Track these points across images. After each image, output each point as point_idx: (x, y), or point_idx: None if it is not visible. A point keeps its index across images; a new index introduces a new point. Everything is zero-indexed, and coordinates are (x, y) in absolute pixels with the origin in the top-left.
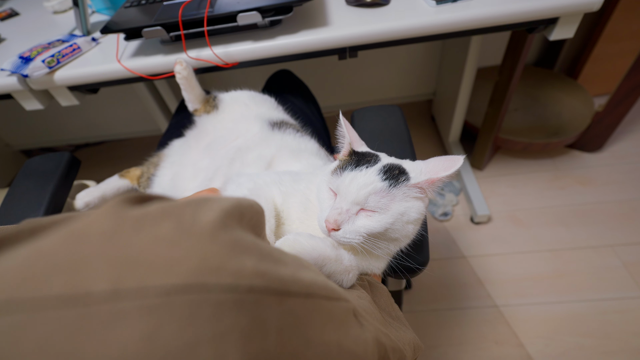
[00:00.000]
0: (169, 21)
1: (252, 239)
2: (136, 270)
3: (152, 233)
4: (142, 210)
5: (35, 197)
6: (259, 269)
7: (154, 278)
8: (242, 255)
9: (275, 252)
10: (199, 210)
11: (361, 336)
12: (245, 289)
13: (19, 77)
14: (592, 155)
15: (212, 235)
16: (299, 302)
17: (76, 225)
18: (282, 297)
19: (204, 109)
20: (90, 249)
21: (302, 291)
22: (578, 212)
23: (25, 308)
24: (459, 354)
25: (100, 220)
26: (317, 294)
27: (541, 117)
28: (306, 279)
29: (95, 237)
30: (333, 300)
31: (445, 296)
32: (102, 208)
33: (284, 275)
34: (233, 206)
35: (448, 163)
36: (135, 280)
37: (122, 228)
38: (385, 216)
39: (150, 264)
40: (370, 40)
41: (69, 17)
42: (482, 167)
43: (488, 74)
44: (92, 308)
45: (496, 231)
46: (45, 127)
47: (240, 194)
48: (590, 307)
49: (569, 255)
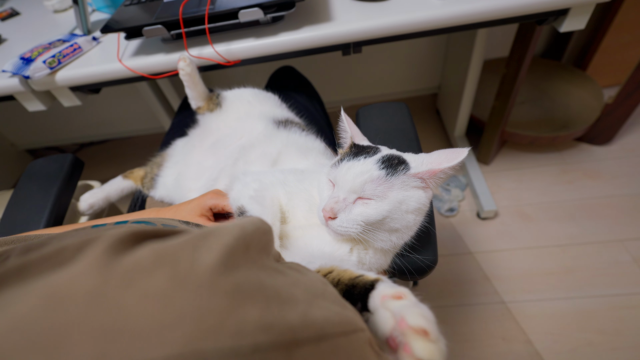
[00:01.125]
0: (169, 19)
1: (257, 276)
2: (122, 341)
3: (143, 290)
4: (132, 259)
5: (39, 200)
6: (264, 322)
7: (143, 350)
8: (244, 305)
9: (283, 287)
10: (197, 252)
11: None
12: (249, 350)
13: (21, 79)
14: (601, 148)
15: (211, 285)
16: (311, 350)
17: (58, 280)
18: (291, 350)
19: (207, 106)
20: (72, 316)
21: (315, 335)
22: (587, 206)
23: None
24: (465, 351)
25: (85, 276)
26: (331, 333)
27: (549, 110)
28: (318, 318)
29: (77, 299)
30: (350, 334)
31: (452, 292)
32: (87, 258)
33: (292, 322)
34: (236, 239)
35: (451, 155)
36: (122, 355)
37: (109, 286)
38: (382, 204)
39: (138, 332)
40: (375, 35)
41: (69, 15)
42: (489, 162)
43: (495, 67)
44: None
45: (503, 226)
46: (50, 127)
47: (246, 194)
48: (600, 303)
49: (578, 251)
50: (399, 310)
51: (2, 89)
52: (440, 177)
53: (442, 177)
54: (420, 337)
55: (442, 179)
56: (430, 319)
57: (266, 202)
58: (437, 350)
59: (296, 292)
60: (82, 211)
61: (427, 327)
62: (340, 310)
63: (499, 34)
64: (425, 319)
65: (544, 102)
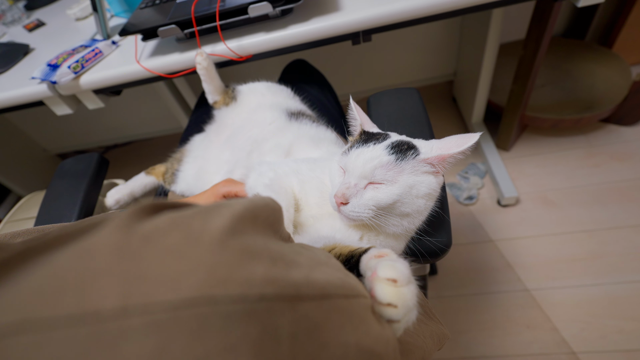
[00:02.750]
0: (182, 19)
1: (264, 241)
2: (144, 285)
3: (160, 246)
4: (151, 224)
5: (70, 197)
6: (269, 276)
7: (161, 293)
8: (251, 263)
9: (288, 254)
10: (209, 217)
11: (382, 334)
12: (255, 298)
13: (49, 84)
14: (630, 129)
15: (221, 243)
16: (314, 306)
17: (88, 241)
18: (294, 303)
19: (223, 100)
20: (100, 265)
21: (317, 293)
22: (615, 189)
23: (39, 328)
24: (488, 339)
25: (110, 236)
26: (333, 294)
27: (572, 92)
28: (321, 279)
29: (104, 253)
30: (351, 297)
31: (473, 281)
32: (113, 222)
33: (296, 279)
34: (245, 209)
35: (461, 140)
36: (142, 296)
37: (131, 242)
38: (393, 188)
39: (157, 278)
40: (384, 22)
41: (90, 22)
42: (509, 148)
43: (512, 50)
44: (101, 326)
45: (525, 213)
46: (77, 132)
47: (262, 183)
48: (631, 289)
49: (606, 236)
50: (375, 265)
51: (33, 94)
52: (450, 162)
53: (452, 162)
54: (382, 281)
55: (452, 164)
56: (401, 269)
57: (280, 190)
58: (396, 293)
59: (300, 259)
60: (109, 207)
61: (395, 276)
62: (342, 276)
63: (515, 15)
64: (394, 269)
65: (567, 84)
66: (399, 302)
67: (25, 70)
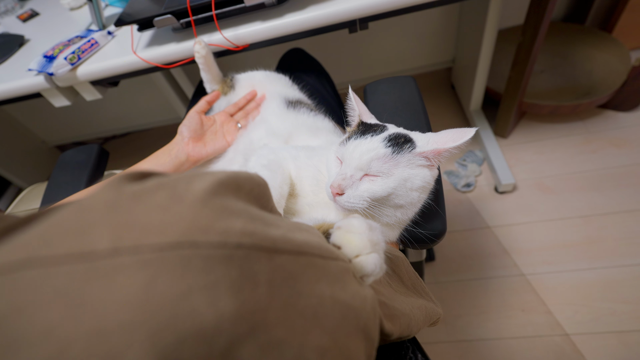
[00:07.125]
0: (178, 8)
1: (244, 206)
2: (133, 232)
3: (148, 202)
4: (140, 185)
5: (72, 188)
6: (247, 229)
7: (148, 238)
8: (230, 218)
9: (269, 218)
10: (192, 181)
11: (360, 292)
12: (233, 245)
13: (46, 76)
14: (628, 114)
15: (203, 201)
16: (290, 259)
17: (84, 200)
18: (271, 254)
19: (221, 89)
20: (95, 216)
21: (293, 249)
22: (612, 175)
23: (43, 264)
24: (483, 322)
25: (103, 194)
26: (310, 252)
27: (570, 78)
28: (298, 239)
29: (98, 207)
30: (328, 259)
31: (470, 267)
32: (105, 183)
33: (273, 235)
34: (228, 177)
35: (457, 135)
36: (132, 240)
37: (122, 199)
38: (388, 180)
39: (145, 226)
40: (381, 9)
41: (84, 12)
42: (507, 135)
43: (510, 36)
44: (97, 263)
45: (522, 200)
46: (76, 123)
47: (260, 163)
48: (625, 272)
49: (602, 221)
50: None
51: (30, 86)
52: (445, 156)
53: (447, 155)
54: (335, 229)
55: (447, 158)
56: (351, 222)
57: (277, 169)
58: (342, 237)
59: (280, 223)
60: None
61: (341, 225)
62: (321, 241)
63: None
64: (344, 221)
65: (565, 70)
66: (343, 242)
67: (22, 62)
